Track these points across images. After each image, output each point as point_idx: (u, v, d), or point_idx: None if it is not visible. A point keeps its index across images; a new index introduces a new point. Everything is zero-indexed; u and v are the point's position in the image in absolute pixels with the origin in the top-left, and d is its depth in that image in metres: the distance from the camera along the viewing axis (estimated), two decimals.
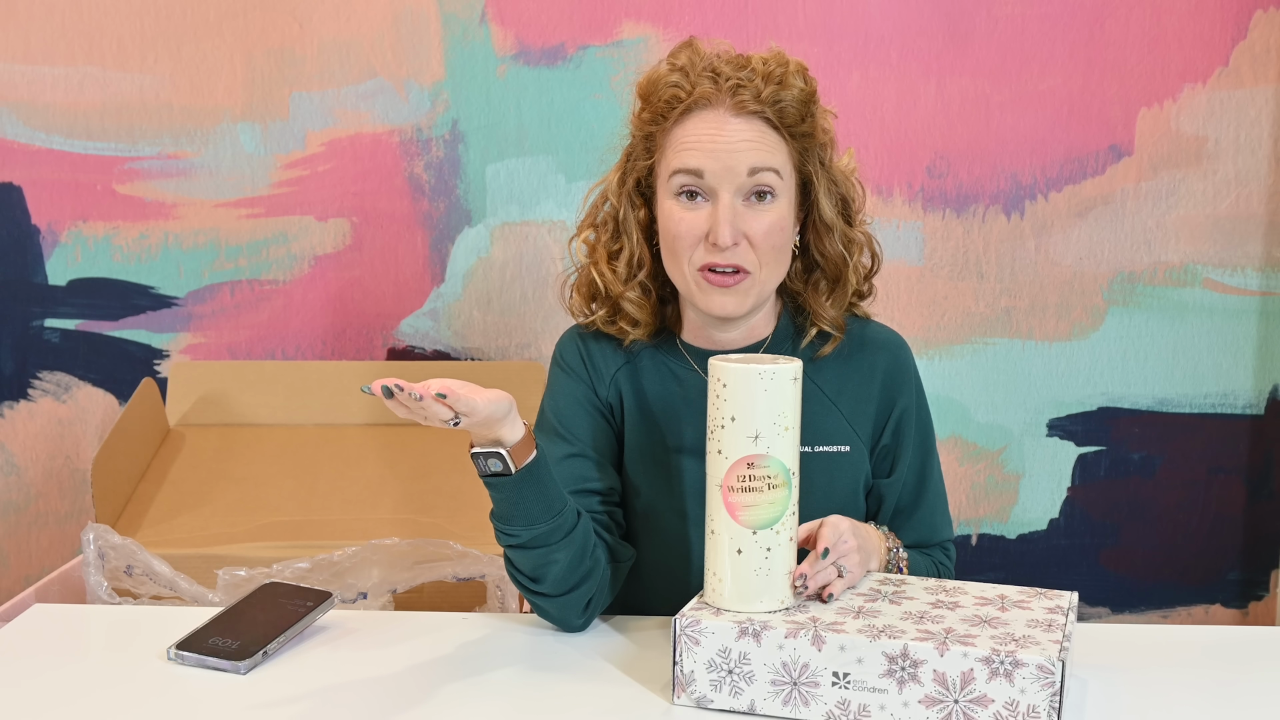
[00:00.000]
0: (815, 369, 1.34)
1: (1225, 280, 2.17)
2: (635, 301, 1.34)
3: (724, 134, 1.24)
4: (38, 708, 1.10)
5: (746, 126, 1.25)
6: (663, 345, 1.37)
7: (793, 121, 1.26)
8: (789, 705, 1.07)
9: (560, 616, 1.28)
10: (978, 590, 1.17)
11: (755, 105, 1.24)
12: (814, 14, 2.09)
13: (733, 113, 1.25)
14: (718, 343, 1.34)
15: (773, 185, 1.25)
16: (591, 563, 1.25)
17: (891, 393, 1.35)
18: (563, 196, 2.14)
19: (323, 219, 2.16)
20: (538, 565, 1.22)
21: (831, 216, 1.31)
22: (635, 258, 1.33)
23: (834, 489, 1.31)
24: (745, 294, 1.27)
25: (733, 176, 1.24)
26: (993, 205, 2.16)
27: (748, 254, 1.25)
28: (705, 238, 1.25)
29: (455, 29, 2.11)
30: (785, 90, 1.25)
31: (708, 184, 1.25)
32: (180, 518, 1.74)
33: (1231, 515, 2.24)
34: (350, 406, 2.01)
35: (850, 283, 1.34)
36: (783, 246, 1.28)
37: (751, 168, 1.24)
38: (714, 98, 1.25)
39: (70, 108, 2.13)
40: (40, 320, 2.18)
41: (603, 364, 1.36)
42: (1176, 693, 1.14)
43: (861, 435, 1.33)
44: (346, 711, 1.10)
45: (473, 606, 1.56)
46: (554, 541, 1.21)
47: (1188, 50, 2.11)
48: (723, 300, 1.27)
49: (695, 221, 1.25)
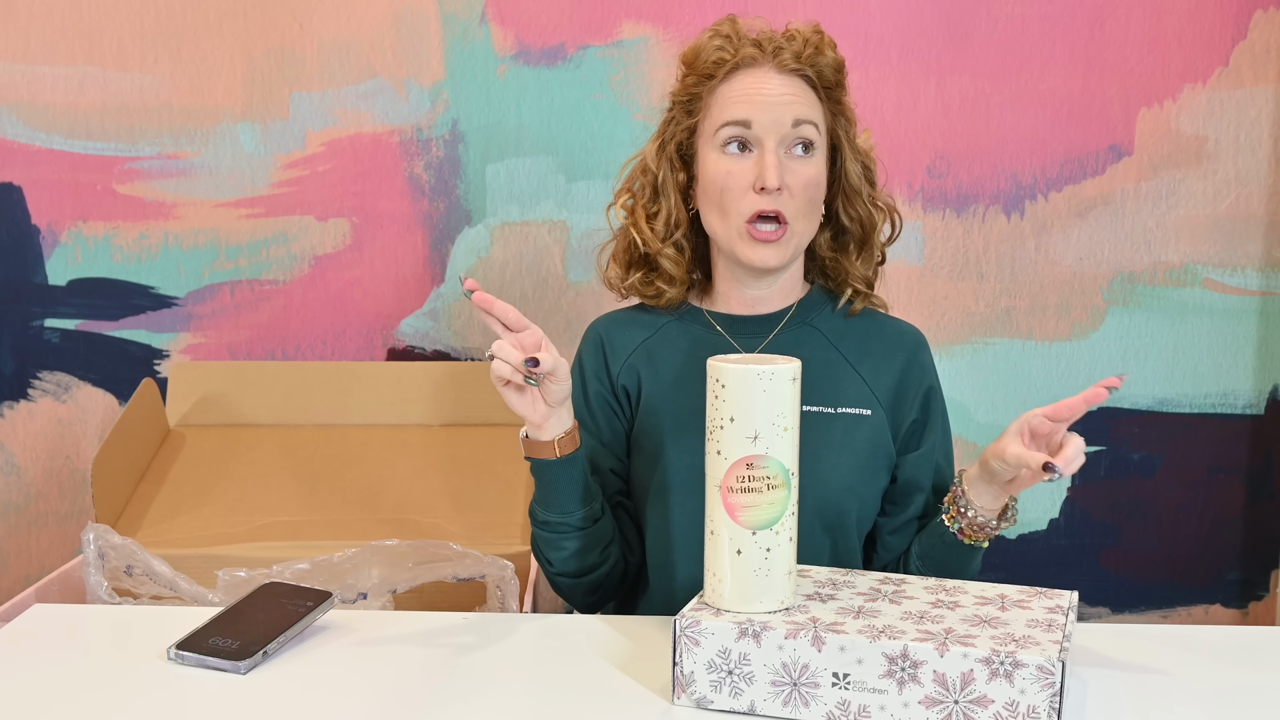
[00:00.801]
0: (839, 337, 1.43)
1: (1225, 280, 2.17)
2: (672, 258, 1.43)
3: (769, 87, 1.35)
4: (37, 708, 1.11)
5: (789, 83, 1.36)
6: (686, 317, 1.46)
7: (830, 84, 1.38)
8: (789, 706, 1.07)
9: (566, 593, 1.40)
10: (978, 590, 1.17)
11: (796, 64, 1.35)
12: (814, 14, 2.09)
13: (776, 70, 1.35)
14: (750, 303, 1.43)
15: (812, 138, 1.35)
16: (600, 558, 1.36)
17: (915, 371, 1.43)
18: (563, 196, 2.14)
19: (323, 219, 2.16)
20: (549, 545, 1.35)
21: (858, 181, 1.41)
22: (673, 218, 1.42)
23: (854, 447, 1.38)
24: (785, 246, 1.36)
25: (778, 127, 1.34)
26: (993, 205, 2.16)
27: (789, 202, 1.34)
28: (752, 187, 1.34)
29: (455, 29, 2.11)
30: (821, 55, 1.36)
31: (755, 134, 1.34)
32: (180, 518, 1.74)
33: (1231, 515, 2.24)
34: (351, 407, 2.01)
35: (876, 245, 1.44)
36: (817, 200, 1.38)
37: (796, 119, 1.34)
38: (759, 58, 1.36)
39: (70, 108, 2.13)
40: (40, 320, 2.18)
41: (621, 347, 1.45)
42: (1176, 693, 1.14)
43: (883, 402, 1.40)
44: (346, 711, 1.10)
45: (473, 606, 1.56)
46: (562, 532, 1.33)
47: (1188, 50, 2.11)
48: (765, 253, 1.35)
49: (743, 171, 1.34)
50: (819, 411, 1.37)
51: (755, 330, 1.43)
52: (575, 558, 1.35)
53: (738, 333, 1.43)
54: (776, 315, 1.43)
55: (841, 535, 1.37)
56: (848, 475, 1.36)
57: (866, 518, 1.40)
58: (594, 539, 1.34)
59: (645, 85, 2.10)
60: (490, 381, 2.01)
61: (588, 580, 1.37)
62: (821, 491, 1.34)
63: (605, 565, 1.37)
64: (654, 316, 1.47)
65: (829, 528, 1.36)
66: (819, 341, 1.42)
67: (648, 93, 2.10)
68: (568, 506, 1.31)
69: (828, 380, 1.39)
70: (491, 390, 2.01)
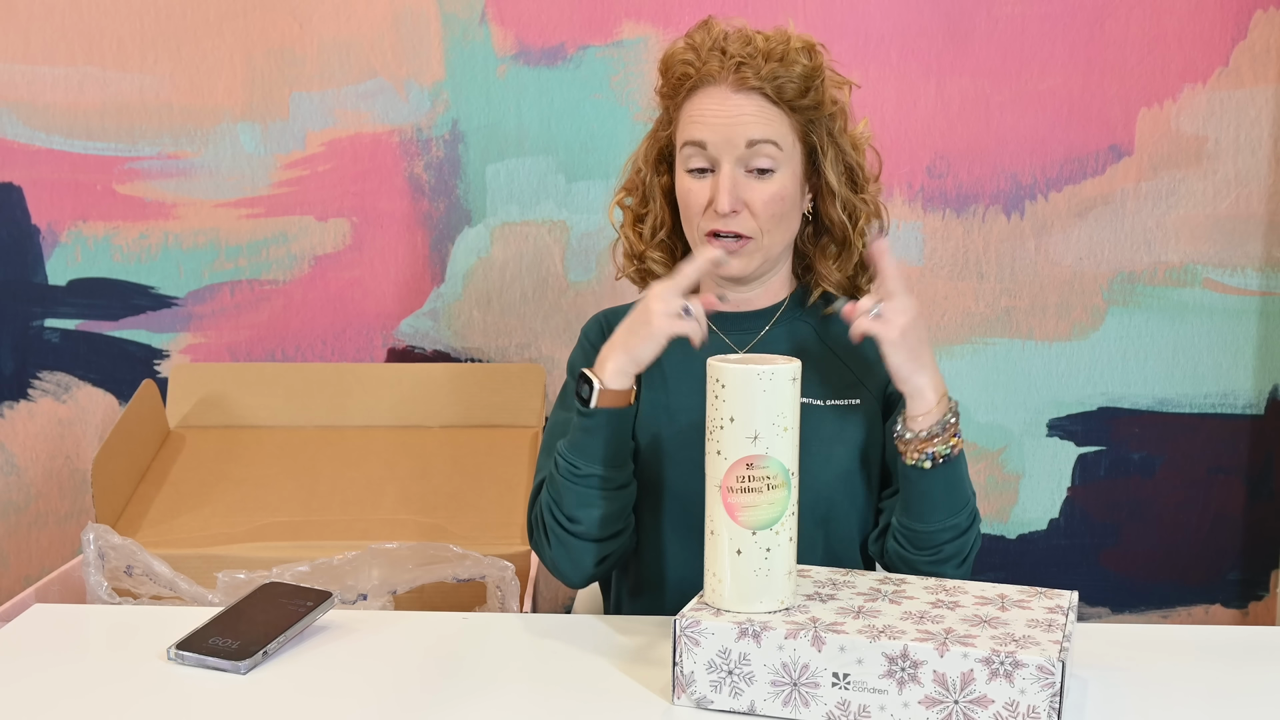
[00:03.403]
0: (827, 330, 1.43)
1: (1225, 280, 2.17)
2: (659, 260, 1.44)
3: (725, 108, 1.33)
4: (38, 708, 1.11)
5: (746, 101, 1.33)
6: None
7: (793, 96, 1.34)
8: (789, 706, 1.07)
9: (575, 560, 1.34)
10: (978, 590, 1.17)
11: (755, 81, 1.32)
12: (814, 14, 2.09)
13: (734, 88, 1.33)
14: (737, 304, 1.43)
15: (772, 156, 1.33)
16: (623, 524, 1.35)
17: None
18: (563, 196, 2.14)
19: (323, 219, 2.16)
20: (581, 502, 1.31)
21: (836, 184, 1.39)
22: (658, 220, 1.44)
23: (845, 436, 1.38)
24: (749, 256, 1.36)
25: (732, 148, 1.33)
26: (993, 205, 2.16)
27: (748, 221, 1.34)
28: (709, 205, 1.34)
29: (455, 29, 2.11)
30: (786, 67, 1.33)
31: (711, 155, 1.34)
32: (180, 518, 1.74)
33: (1231, 515, 2.24)
34: (350, 408, 2.01)
35: (856, 247, 1.42)
36: (785, 214, 1.36)
37: (749, 140, 1.32)
38: (719, 75, 1.34)
39: (70, 108, 2.13)
40: (40, 320, 2.18)
41: None
42: (1176, 693, 1.14)
43: (872, 389, 1.41)
44: (346, 711, 1.10)
45: (473, 606, 1.56)
46: (602, 488, 1.30)
47: (1188, 50, 2.11)
48: (729, 264, 1.36)
49: (701, 190, 1.35)
50: (808, 404, 1.37)
51: (747, 326, 1.43)
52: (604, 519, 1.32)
53: (730, 329, 1.43)
54: (768, 311, 1.44)
55: (835, 529, 1.37)
56: (839, 466, 1.37)
57: (860, 511, 1.39)
58: (626, 501, 1.34)
59: (645, 85, 2.10)
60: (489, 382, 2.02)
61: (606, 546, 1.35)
62: (812, 485, 1.34)
63: (625, 534, 1.37)
64: None
65: (822, 520, 1.36)
66: (809, 335, 1.43)
67: (648, 93, 2.09)
68: (618, 460, 1.31)
69: (817, 373, 1.40)
70: (491, 391, 2.02)
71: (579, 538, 1.33)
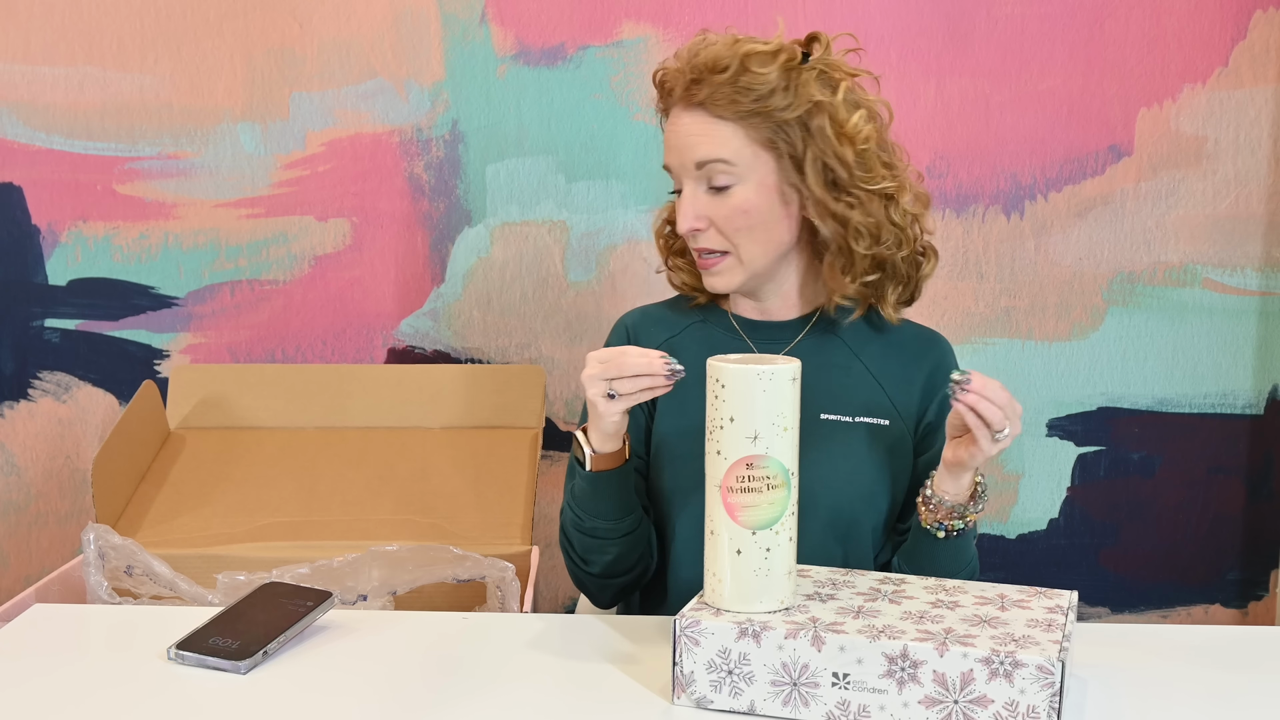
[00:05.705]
0: (862, 346, 1.40)
1: (1225, 280, 2.17)
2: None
3: (677, 129, 1.33)
4: (38, 708, 1.11)
5: (693, 120, 1.32)
6: (711, 319, 1.45)
7: (749, 107, 1.29)
8: (789, 706, 1.07)
9: (594, 593, 1.40)
10: (978, 590, 1.17)
11: (700, 98, 1.31)
12: (814, 14, 2.09)
13: (683, 107, 1.33)
14: (758, 311, 1.43)
15: (725, 172, 1.31)
16: (637, 560, 1.36)
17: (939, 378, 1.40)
18: (563, 196, 2.14)
19: (323, 219, 2.16)
20: (589, 550, 1.34)
21: (823, 190, 1.32)
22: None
23: (871, 456, 1.36)
24: (730, 272, 1.35)
25: (687, 169, 1.33)
26: (992, 205, 2.16)
27: (716, 238, 1.34)
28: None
29: (455, 29, 2.11)
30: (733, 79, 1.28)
31: (676, 175, 1.35)
32: (180, 518, 1.74)
33: (1231, 515, 2.24)
34: (350, 409, 2.01)
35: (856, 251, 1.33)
36: (755, 225, 1.33)
37: (697, 161, 1.31)
38: (679, 94, 1.33)
39: (70, 108, 2.13)
40: (40, 320, 2.18)
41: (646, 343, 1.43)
42: (1176, 693, 1.14)
43: (904, 414, 1.38)
44: (346, 711, 1.11)
45: (473, 607, 1.56)
46: (608, 539, 1.33)
47: (1187, 50, 2.11)
48: (711, 280, 1.36)
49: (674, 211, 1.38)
50: (836, 420, 1.36)
51: (778, 336, 1.41)
52: (615, 561, 1.34)
53: (760, 338, 1.41)
54: (798, 322, 1.41)
55: (854, 546, 1.36)
56: (863, 484, 1.35)
57: (878, 531, 1.39)
58: (636, 543, 1.35)
59: (645, 85, 2.10)
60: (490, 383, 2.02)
61: (621, 580, 1.38)
62: (835, 500, 1.33)
63: (641, 565, 1.38)
64: (682, 316, 1.47)
65: (841, 537, 1.35)
66: (840, 349, 1.40)
67: (648, 93, 2.10)
68: (622, 511, 1.32)
69: (847, 389, 1.37)
70: (491, 392, 2.02)
71: (593, 576, 1.37)
